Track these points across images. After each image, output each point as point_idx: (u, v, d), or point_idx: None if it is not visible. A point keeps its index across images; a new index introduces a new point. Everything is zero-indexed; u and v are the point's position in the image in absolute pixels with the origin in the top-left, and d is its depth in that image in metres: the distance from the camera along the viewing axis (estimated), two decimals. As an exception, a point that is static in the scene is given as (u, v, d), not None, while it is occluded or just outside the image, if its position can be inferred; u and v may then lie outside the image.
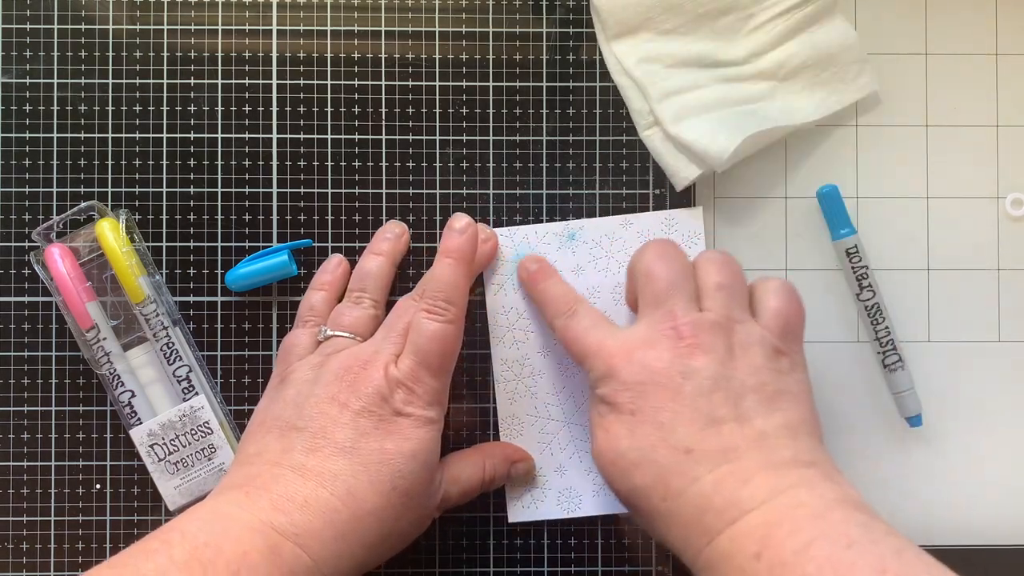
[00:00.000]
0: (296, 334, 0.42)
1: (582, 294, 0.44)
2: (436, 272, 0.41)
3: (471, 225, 0.42)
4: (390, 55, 0.45)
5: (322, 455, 0.37)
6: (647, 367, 0.36)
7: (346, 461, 0.36)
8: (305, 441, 0.37)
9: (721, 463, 0.34)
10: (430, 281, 0.41)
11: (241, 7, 0.45)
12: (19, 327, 0.44)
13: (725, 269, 0.39)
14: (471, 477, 0.42)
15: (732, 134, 0.41)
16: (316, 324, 0.42)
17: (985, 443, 0.45)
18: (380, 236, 0.44)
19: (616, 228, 0.45)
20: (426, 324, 0.39)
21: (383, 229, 0.44)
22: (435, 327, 0.39)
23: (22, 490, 0.44)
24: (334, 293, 0.43)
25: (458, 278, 0.41)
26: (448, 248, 0.42)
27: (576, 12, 0.45)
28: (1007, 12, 0.45)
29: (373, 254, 0.43)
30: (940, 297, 0.45)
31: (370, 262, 0.43)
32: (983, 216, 0.45)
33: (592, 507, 0.44)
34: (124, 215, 0.43)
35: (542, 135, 0.45)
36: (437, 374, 0.39)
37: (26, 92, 0.44)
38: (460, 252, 0.41)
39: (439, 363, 0.39)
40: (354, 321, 0.41)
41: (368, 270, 0.43)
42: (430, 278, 0.41)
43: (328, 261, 0.44)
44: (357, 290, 0.43)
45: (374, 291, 0.43)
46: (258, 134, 0.44)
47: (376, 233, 0.44)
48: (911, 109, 0.45)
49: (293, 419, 0.38)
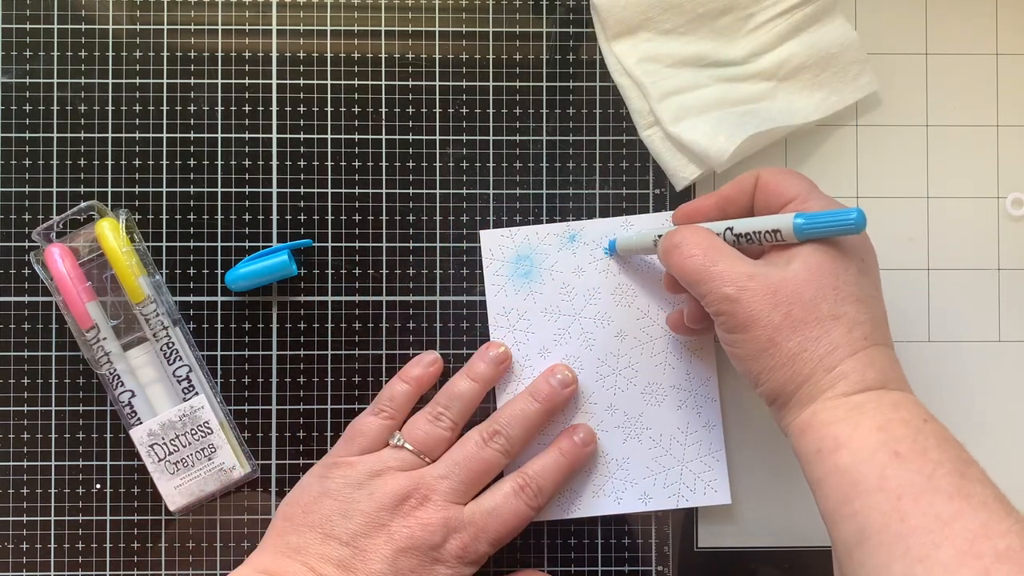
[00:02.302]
0: (368, 421, 0.42)
1: (581, 296, 0.44)
2: (541, 461, 0.42)
3: (575, 381, 0.43)
4: (390, 55, 0.45)
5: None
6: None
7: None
8: (344, 557, 0.38)
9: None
10: (513, 424, 0.41)
11: (241, 7, 0.45)
12: (19, 327, 0.44)
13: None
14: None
15: (732, 134, 0.41)
16: (390, 416, 0.42)
17: (985, 443, 0.45)
18: (482, 357, 0.43)
19: (617, 229, 0.45)
20: (512, 504, 0.40)
21: (489, 352, 0.43)
22: (521, 512, 0.40)
23: (22, 490, 0.44)
24: (418, 390, 0.43)
25: (557, 467, 0.42)
26: (542, 395, 0.42)
27: (576, 12, 0.45)
28: (1007, 12, 0.45)
29: (470, 378, 0.43)
30: (940, 297, 0.45)
31: (464, 384, 0.42)
32: (983, 216, 0.45)
33: (592, 507, 0.44)
34: (124, 215, 0.43)
35: (542, 135, 0.45)
36: (494, 546, 0.40)
37: (26, 92, 0.44)
38: (551, 402, 0.42)
39: (501, 540, 0.40)
40: (426, 439, 0.41)
41: (460, 392, 0.42)
42: (514, 426, 0.41)
43: (423, 356, 0.44)
44: (442, 407, 0.42)
45: (457, 414, 0.42)
46: (258, 134, 0.44)
47: (478, 351, 0.43)
48: (911, 109, 0.45)
49: (338, 529, 0.39)
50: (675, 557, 0.45)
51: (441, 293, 0.45)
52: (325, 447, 0.44)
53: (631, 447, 0.44)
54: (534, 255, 0.45)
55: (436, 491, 0.39)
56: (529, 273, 0.45)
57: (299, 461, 0.44)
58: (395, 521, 0.39)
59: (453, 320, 0.45)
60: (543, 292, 0.44)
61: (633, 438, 0.44)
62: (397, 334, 0.45)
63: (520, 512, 0.40)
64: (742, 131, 0.42)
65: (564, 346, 0.44)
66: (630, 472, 0.44)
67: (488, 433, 0.41)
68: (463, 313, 0.45)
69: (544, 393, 0.42)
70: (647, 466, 0.44)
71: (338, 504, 0.39)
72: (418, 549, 0.38)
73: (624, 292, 0.44)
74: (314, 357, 0.44)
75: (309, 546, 0.39)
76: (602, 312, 0.44)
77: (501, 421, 0.41)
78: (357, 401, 0.44)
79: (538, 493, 0.41)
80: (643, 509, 0.44)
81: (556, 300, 0.44)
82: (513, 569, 0.44)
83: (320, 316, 0.45)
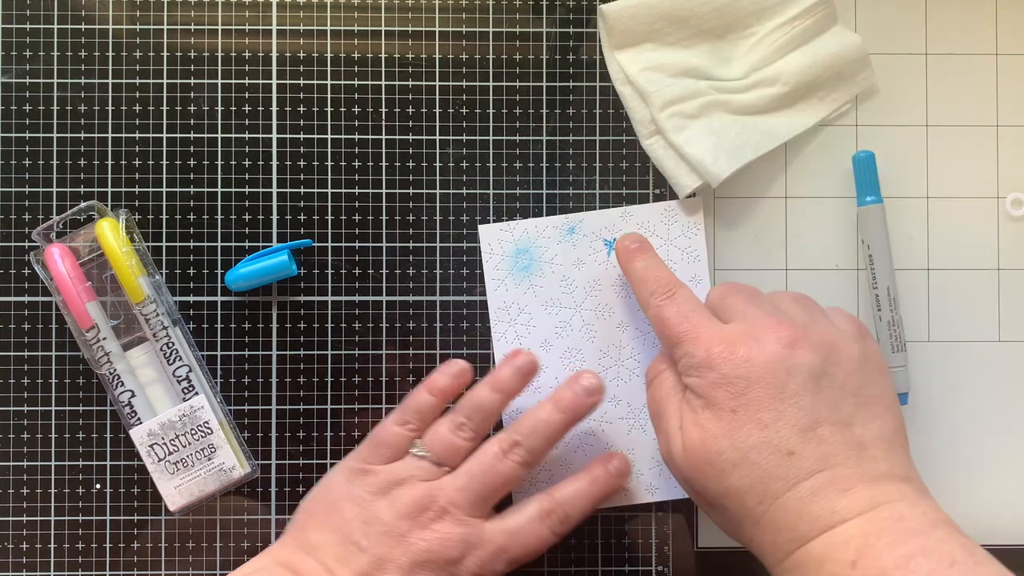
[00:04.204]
0: (391, 429, 0.41)
1: (581, 288, 0.44)
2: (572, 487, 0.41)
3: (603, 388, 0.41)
4: (390, 55, 0.45)
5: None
6: (750, 360, 0.35)
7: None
8: (361, 564, 0.38)
9: (820, 468, 0.33)
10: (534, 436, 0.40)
11: (241, 7, 0.45)
12: (19, 327, 0.44)
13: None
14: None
15: (732, 159, 0.42)
16: (414, 428, 0.41)
17: (985, 443, 0.45)
18: (508, 366, 0.41)
19: (616, 220, 0.45)
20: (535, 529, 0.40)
21: (515, 361, 0.41)
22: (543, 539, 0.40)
23: (22, 490, 0.44)
24: (444, 402, 0.42)
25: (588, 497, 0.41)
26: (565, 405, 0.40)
27: (576, 12, 0.45)
28: (1007, 12, 0.45)
29: (493, 388, 0.41)
30: (940, 297, 0.45)
31: (487, 394, 0.41)
32: (983, 216, 0.45)
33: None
34: (124, 215, 0.43)
35: (542, 135, 0.45)
36: (510, 566, 0.40)
37: (26, 92, 0.44)
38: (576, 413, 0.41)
39: (518, 562, 0.40)
40: (446, 450, 0.40)
41: (482, 402, 0.41)
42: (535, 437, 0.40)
43: (451, 365, 0.42)
44: (464, 416, 0.41)
45: (478, 424, 0.41)
46: (258, 134, 0.45)
47: (505, 360, 0.41)
48: (911, 109, 0.45)
49: (358, 534, 0.38)
50: (675, 557, 0.45)
51: (441, 293, 0.45)
52: (325, 447, 0.44)
53: (635, 438, 0.44)
54: (533, 248, 0.45)
55: (454, 503, 0.39)
56: (529, 267, 0.45)
57: (299, 461, 0.44)
58: (413, 533, 0.38)
59: (453, 320, 0.45)
60: (543, 285, 0.45)
61: (637, 429, 0.44)
62: (397, 334, 0.45)
63: (543, 538, 0.40)
64: (741, 155, 0.42)
65: (566, 339, 0.44)
66: (635, 463, 0.44)
67: (508, 444, 0.40)
68: (463, 313, 0.45)
69: (567, 402, 0.40)
70: (652, 456, 0.44)
71: (360, 510, 0.39)
72: (435, 563, 0.38)
73: (625, 283, 0.44)
74: (314, 357, 0.44)
75: (328, 547, 0.38)
76: (603, 304, 0.44)
77: (522, 431, 0.40)
78: (357, 401, 0.44)
79: (564, 520, 0.40)
80: (649, 499, 0.44)
81: (557, 293, 0.44)
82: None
83: (320, 316, 0.45)
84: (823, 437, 0.34)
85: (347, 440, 0.44)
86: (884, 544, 0.31)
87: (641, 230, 0.44)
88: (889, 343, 0.43)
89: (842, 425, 0.34)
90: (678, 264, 0.44)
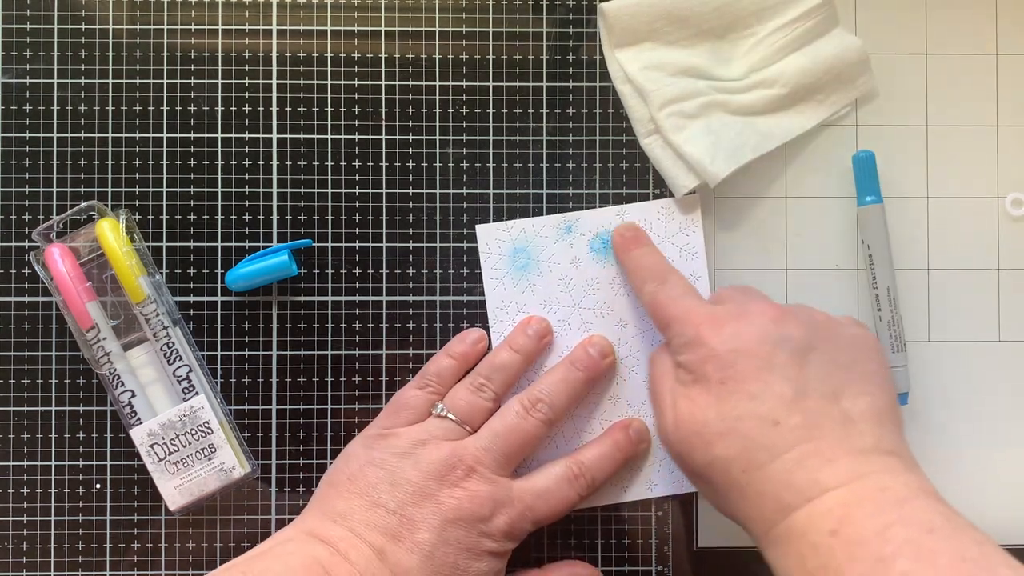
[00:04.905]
0: (413, 394, 0.42)
1: (579, 287, 0.44)
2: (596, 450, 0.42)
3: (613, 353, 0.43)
4: (390, 55, 0.45)
5: (402, 547, 0.38)
6: (739, 335, 0.36)
7: (420, 560, 0.37)
8: (391, 525, 0.38)
9: (805, 440, 0.34)
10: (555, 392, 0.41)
11: (241, 7, 0.45)
12: (19, 327, 0.44)
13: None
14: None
15: (730, 159, 0.42)
16: (435, 391, 0.42)
17: (985, 443, 0.45)
18: (523, 329, 0.43)
19: (612, 218, 0.45)
20: (564, 491, 0.40)
21: (529, 325, 0.43)
22: (570, 501, 0.40)
23: (22, 490, 0.44)
24: (464, 366, 0.43)
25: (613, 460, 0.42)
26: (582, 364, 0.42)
27: (576, 12, 0.45)
28: (1007, 12, 0.45)
29: (512, 349, 0.43)
30: (940, 297, 0.45)
31: (506, 355, 0.42)
32: (983, 216, 0.45)
33: (598, 497, 0.44)
34: (124, 215, 0.43)
35: (542, 135, 0.45)
36: (536, 526, 0.40)
37: (26, 92, 0.44)
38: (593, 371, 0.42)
39: (544, 522, 0.40)
40: (469, 409, 0.41)
41: (502, 363, 0.42)
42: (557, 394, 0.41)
43: (468, 332, 0.44)
44: (483, 377, 0.42)
45: (499, 384, 0.42)
46: (258, 134, 0.45)
47: (518, 325, 0.43)
48: (911, 109, 0.45)
49: (385, 496, 0.38)
50: (675, 557, 0.45)
51: (441, 293, 0.45)
52: (325, 447, 0.44)
53: None
54: (531, 248, 0.45)
55: (481, 462, 0.39)
56: (527, 266, 0.45)
57: (299, 461, 0.44)
58: (443, 491, 0.38)
59: (453, 320, 0.45)
60: (541, 284, 0.45)
61: None
62: (397, 334, 0.45)
63: (569, 500, 0.40)
64: (740, 155, 0.42)
65: (565, 337, 0.44)
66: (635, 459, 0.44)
67: (530, 401, 0.41)
68: (463, 313, 0.45)
69: (584, 362, 0.42)
70: (652, 453, 0.44)
71: (384, 473, 0.39)
72: (466, 520, 0.38)
73: (623, 281, 0.44)
74: (314, 357, 0.44)
75: (355, 513, 0.38)
76: (601, 302, 0.44)
77: (544, 389, 0.41)
78: (357, 401, 0.44)
79: (591, 484, 0.41)
80: (648, 495, 0.44)
81: (555, 292, 0.45)
82: (513, 570, 0.44)
83: (320, 316, 0.45)
84: (809, 409, 0.34)
85: (347, 440, 0.44)
86: (865, 513, 0.31)
87: None
88: (889, 343, 0.43)
89: (829, 398, 0.35)
90: (676, 261, 0.44)
